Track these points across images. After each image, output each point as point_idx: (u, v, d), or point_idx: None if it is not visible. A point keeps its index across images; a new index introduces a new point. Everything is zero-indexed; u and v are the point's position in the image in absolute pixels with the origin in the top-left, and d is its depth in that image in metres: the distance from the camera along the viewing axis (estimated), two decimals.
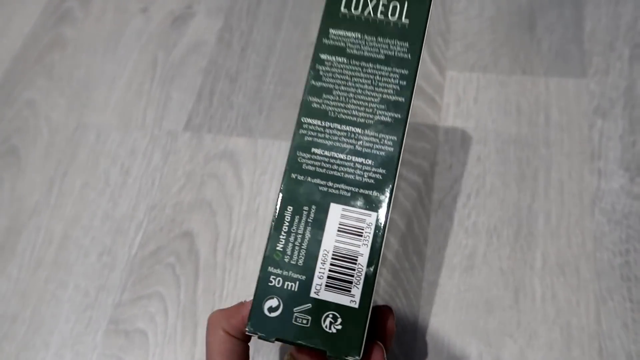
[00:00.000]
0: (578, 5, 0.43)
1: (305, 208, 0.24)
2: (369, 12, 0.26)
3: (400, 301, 0.34)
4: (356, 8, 0.26)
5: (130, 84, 0.45)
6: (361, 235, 0.24)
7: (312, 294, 0.24)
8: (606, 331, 0.32)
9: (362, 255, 0.24)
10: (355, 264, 0.24)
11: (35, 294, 0.37)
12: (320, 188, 0.25)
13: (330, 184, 0.25)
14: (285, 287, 0.24)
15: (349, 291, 0.24)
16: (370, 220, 0.24)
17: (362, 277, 0.24)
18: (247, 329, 0.23)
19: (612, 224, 0.35)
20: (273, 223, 0.24)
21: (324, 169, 0.25)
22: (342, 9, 0.26)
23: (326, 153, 0.25)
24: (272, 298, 0.24)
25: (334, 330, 0.23)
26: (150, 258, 0.37)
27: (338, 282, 0.24)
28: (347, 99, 0.25)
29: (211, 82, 0.44)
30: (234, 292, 0.35)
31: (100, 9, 0.50)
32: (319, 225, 0.24)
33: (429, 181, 0.38)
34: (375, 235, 0.24)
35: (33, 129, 0.44)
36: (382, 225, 0.24)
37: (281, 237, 0.24)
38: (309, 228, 0.24)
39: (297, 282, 0.24)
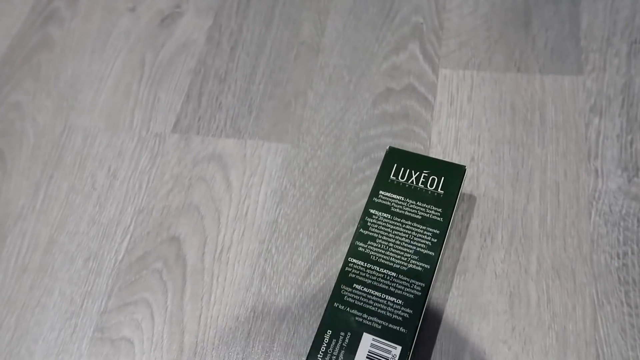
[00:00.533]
0: (574, 0, 0.42)
1: (342, 333, 0.29)
2: (412, 182, 0.33)
3: None
4: (402, 177, 0.33)
5: (117, 84, 0.45)
6: None
7: None
8: (603, 337, 0.31)
9: None
10: None
11: (20, 301, 0.36)
12: (357, 318, 0.29)
13: (365, 315, 0.29)
14: None
15: None
16: (395, 352, 0.28)
17: None
18: None
19: (609, 225, 0.34)
20: (312, 343, 0.29)
21: (362, 303, 0.30)
22: (392, 176, 0.33)
23: (365, 289, 0.30)
24: None
25: None
26: (137, 263, 0.36)
27: None
28: (387, 247, 0.31)
29: (200, 83, 0.43)
30: (222, 297, 0.35)
31: (88, 8, 0.49)
32: (351, 349, 0.28)
33: None
34: None
35: (19, 131, 0.43)
36: (405, 355, 0.28)
37: (319, 356, 0.29)
38: (342, 351, 0.29)
39: None
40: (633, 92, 0.38)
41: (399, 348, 0.28)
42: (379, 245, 0.31)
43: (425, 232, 0.31)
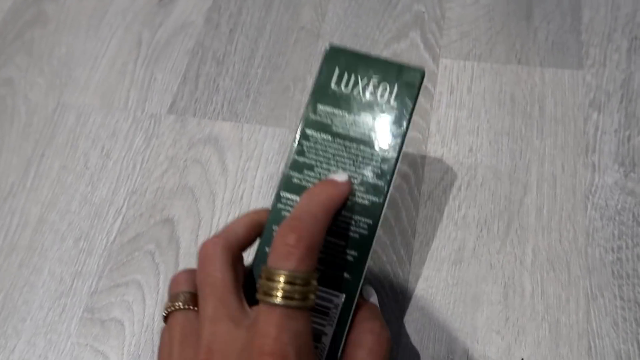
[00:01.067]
0: None
1: None
2: (358, 91, 0.26)
3: (386, 294, 0.33)
4: (346, 86, 0.26)
5: (113, 63, 0.44)
6: (327, 315, 0.24)
7: None
8: (595, 329, 0.31)
9: (326, 335, 0.24)
10: (319, 342, 0.24)
11: (8, 279, 0.36)
12: None
13: None
14: None
15: None
16: (338, 301, 0.24)
17: (324, 357, 0.24)
18: None
19: (604, 219, 0.34)
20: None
21: None
22: (333, 85, 0.26)
23: None
24: None
25: None
26: (129, 245, 0.36)
27: None
28: (327, 177, 0.25)
29: (197, 64, 0.43)
30: None
31: None
32: None
33: (418, 172, 0.36)
34: (341, 317, 0.24)
35: (10, 108, 0.42)
36: (350, 306, 0.24)
37: None
38: None
39: None
40: (632, 88, 0.38)
41: (343, 296, 0.24)
42: (318, 175, 0.25)
43: (373, 157, 0.25)
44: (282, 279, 0.20)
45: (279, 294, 0.20)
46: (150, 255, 0.35)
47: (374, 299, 0.27)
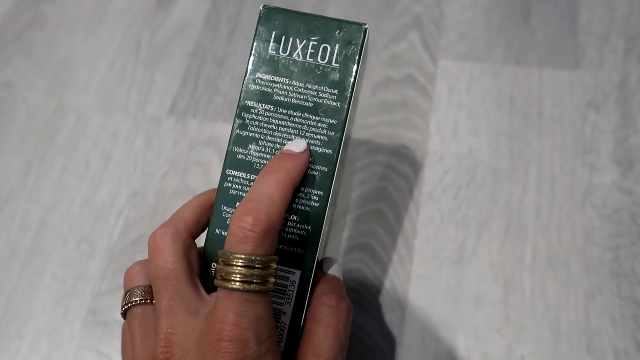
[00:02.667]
0: None
1: None
2: (298, 55, 0.24)
3: (387, 294, 0.33)
4: (284, 50, 0.24)
5: (112, 65, 0.44)
6: (284, 294, 0.24)
7: None
8: (594, 327, 0.31)
9: (284, 313, 0.24)
10: (278, 322, 0.24)
11: (10, 282, 0.36)
12: None
13: None
14: None
15: None
16: (294, 278, 0.24)
17: (285, 336, 0.24)
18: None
19: (602, 219, 0.34)
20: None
21: None
22: (270, 50, 0.24)
23: None
24: None
25: None
26: (131, 247, 0.36)
27: None
28: (272, 149, 0.24)
29: (197, 66, 0.43)
30: None
31: None
32: None
33: (419, 172, 0.37)
34: (298, 294, 0.24)
35: (10, 110, 0.42)
36: (306, 283, 0.24)
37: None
38: None
39: None
40: (628, 88, 0.39)
41: (298, 273, 0.24)
42: (263, 149, 0.24)
43: (319, 124, 0.24)
44: (239, 263, 0.20)
45: (237, 278, 0.20)
46: None
47: (334, 270, 0.26)
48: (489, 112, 0.39)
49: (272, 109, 0.24)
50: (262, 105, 0.24)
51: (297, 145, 0.24)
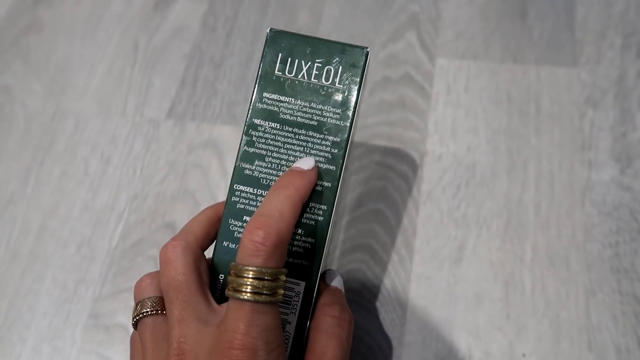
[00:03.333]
0: None
1: None
2: (303, 76, 0.25)
3: (388, 294, 0.33)
4: (290, 71, 0.25)
5: (110, 69, 0.44)
6: (289, 304, 0.25)
7: None
8: (595, 324, 0.31)
9: (289, 323, 0.24)
10: (283, 331, 0.24)
11: (11, 288, 0.36)
12: None
13: None
14: None
15: None
16: (299, 289, 0.24)
17: (290, 345, 0.24)
18: None
19: (602, 215, 0.34)
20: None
21: None
22: (277, 71, 0.25)
23: None
24: None
25: None
26: (132, 250, 0.36)
27: None
28: (279, 166, 0.25)
29: (195, 68, 0.43)
30: None
31: None
32: None
33: (417, 171, 0.37)
34: (303, 304, 0.24)
35: (8, 115, 0.42)
36: (311, 293, 0.24)
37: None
38: None
39: None
40: (626, 84, 0.39)
41: (303, 284, 0.25)
42: (270, 165, 0.25)
43: (323, 142, 0.25)
44: (250, 275, 0.21)
45: (248, 289, 0.21)
46: (153, 261, 0.36)
47: (336, 282, 0.27)
48: (487, 111, 0.39)
49: (278, 127, 0.25)
50: (268, 123, 0.25)
51: (306, 163, 0.24)
